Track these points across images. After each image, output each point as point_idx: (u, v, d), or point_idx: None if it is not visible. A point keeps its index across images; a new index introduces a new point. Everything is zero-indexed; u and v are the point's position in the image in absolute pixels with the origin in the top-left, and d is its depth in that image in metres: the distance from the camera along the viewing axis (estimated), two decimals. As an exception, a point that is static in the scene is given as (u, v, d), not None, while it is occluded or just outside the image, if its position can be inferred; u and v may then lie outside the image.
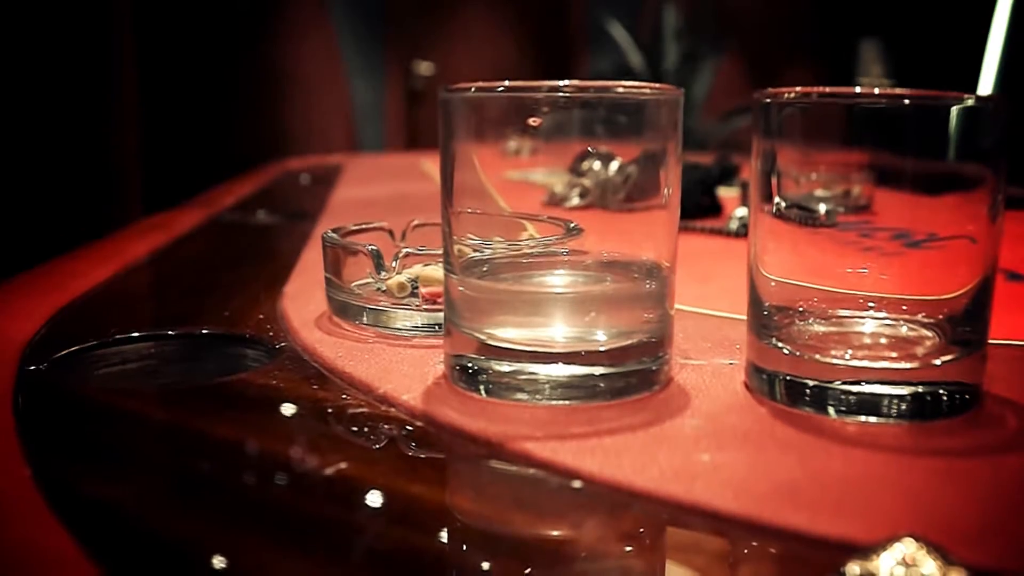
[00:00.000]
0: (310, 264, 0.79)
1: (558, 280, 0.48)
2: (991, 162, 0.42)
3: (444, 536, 0.34)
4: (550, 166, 0.89)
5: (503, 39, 4.72)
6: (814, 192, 0.78)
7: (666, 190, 0.45)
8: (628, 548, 0.33)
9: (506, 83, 0.43)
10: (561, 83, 0.43)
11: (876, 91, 0.40)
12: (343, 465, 0.38)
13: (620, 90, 0.44)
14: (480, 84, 0.44)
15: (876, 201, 0.46)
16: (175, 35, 3.17)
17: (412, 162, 2.01)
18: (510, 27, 4.75)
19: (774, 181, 0.44)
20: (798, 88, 0.42)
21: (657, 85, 0.44)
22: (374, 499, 0.36)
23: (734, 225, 0.98)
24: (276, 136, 3.40)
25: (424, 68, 4.58)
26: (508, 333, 0.44)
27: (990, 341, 0.44)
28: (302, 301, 0.64)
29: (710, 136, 3.85)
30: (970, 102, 0.41)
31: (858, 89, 0.40)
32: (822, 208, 0.67)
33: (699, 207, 1.10)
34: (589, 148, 0.86)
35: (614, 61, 4.38)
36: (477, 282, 0.45)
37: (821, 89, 0.41)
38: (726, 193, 1.21)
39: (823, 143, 0.46)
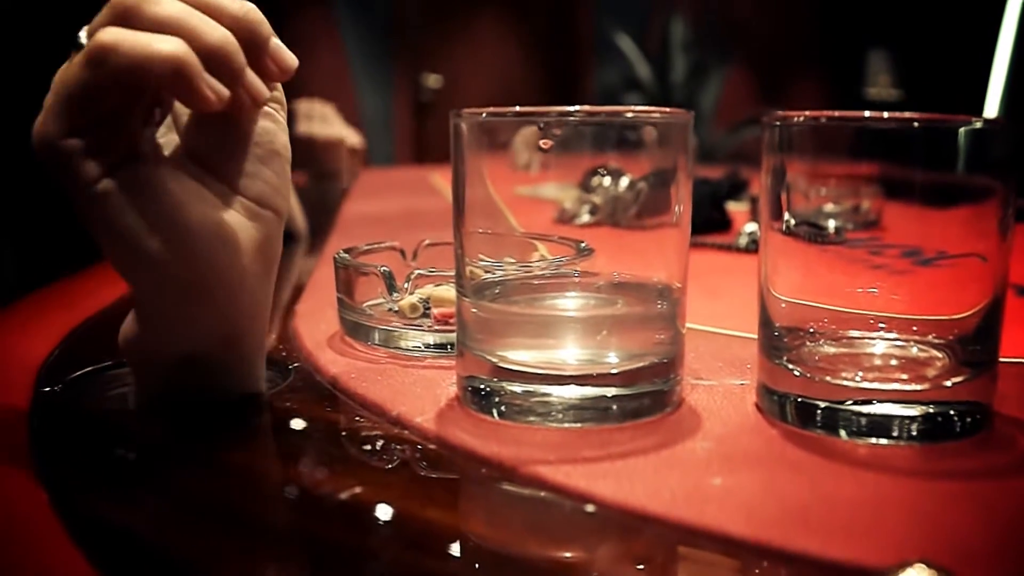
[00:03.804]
0: (321, 282, 0.80)
1: (570, 303, 0.48)
2: (1001, 177, 0.42)
3: (458, 560, 0.34)
4: (560, 181, 0.89)
5: (510, 52, 4.73)
6: (823, 207, 0.77)
7: (677, 207, 0.45)
8: (641, 572, 0.33)
9: (517, 108, 0.44)
10: (572, 108, 0.43)
11: (885, 115, 0.40)
12: (358, 489, 0.39)
13: (630, 115, 0.44)
14: (492, 109, 0.44)
15: (885, 216, 0.46)
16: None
17: (421, 176, 2.02)
18: (517, 40, 4.77)
19: (783, 198, 0.44)
20: (807, 112, 0.42)
21: (667, 109, 0.45)
22: (388, 522, 0.37)
23: (743, 241, 0.98)
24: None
25: (432, 81, 4.60)
26: (520, 355, 0.44)
27: (1000, 359, 0.44)
28: (314, 321, 0.64)
29: (718, 147, 3.85)
30: (978, 124, 0.41)
31: (867, 114, 0.41)
32: (831, 224, 0.68)
33: (708, 222, 1.10)
34: (600, 169, 0.87)
35: (621, 73, 4.39)
36: (489, 305, 0.46)
37: (830, 113, 0.41)
38: (735, 207, 1.21)
39: (832, 160, 0.46)
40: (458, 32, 4.64)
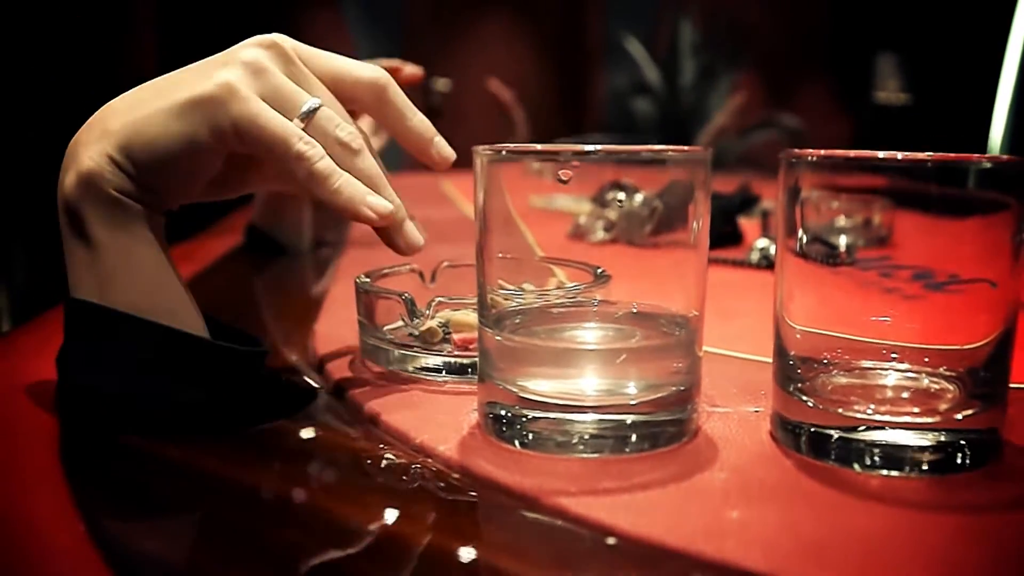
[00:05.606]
0: (339, 301, 0.81)
1: (589, 335, 0.49)
2: (1013, 200, 0.42)
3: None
4: (575, 192, 0.90)
5: (520, 55, 4.74)
6: (835, 222, 0.78)
7: (695, 223, 0.46)
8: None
9: (539, 147, 0.45)
10: (591, 148, 0.44)
11: (899, 156, 0.41)
12: (380, 517, 0.40)
13: (646, 155, 0.45)
14: (512, 147, 0.45)
15: (896, 231, 0.47)
16: (189, 51, 3.19)
17: (432, 183, 2.02)
18: (527, 44, 4.77)
19: (797, 217, 0.45)
20: (821, 152, 0.43)
21: (686, 148, 0.46)
22: (409, 552, 0.37)
23: (755, 257, 0.99)
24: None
25: (441, 84, 4.60)
26: (541, 385, 0.45)
27: (1011, 386, 0.45)
28: (334, 343, 0.65)
29: (727, 152, 3.85)
30: (988, 165, 0.42)
31: (881, 155, 0.41)
32: (842, 242, 0.68)
33: (720, 236, 1.11)
34: (615, 185, 0.87)
35: (631, 77, 4.39)
36: (511, 335, 0.47)
37: (845, 154, 0.42)
38: (747, 221, 1.22)
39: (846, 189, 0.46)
40: (467, 35, 4.64)
